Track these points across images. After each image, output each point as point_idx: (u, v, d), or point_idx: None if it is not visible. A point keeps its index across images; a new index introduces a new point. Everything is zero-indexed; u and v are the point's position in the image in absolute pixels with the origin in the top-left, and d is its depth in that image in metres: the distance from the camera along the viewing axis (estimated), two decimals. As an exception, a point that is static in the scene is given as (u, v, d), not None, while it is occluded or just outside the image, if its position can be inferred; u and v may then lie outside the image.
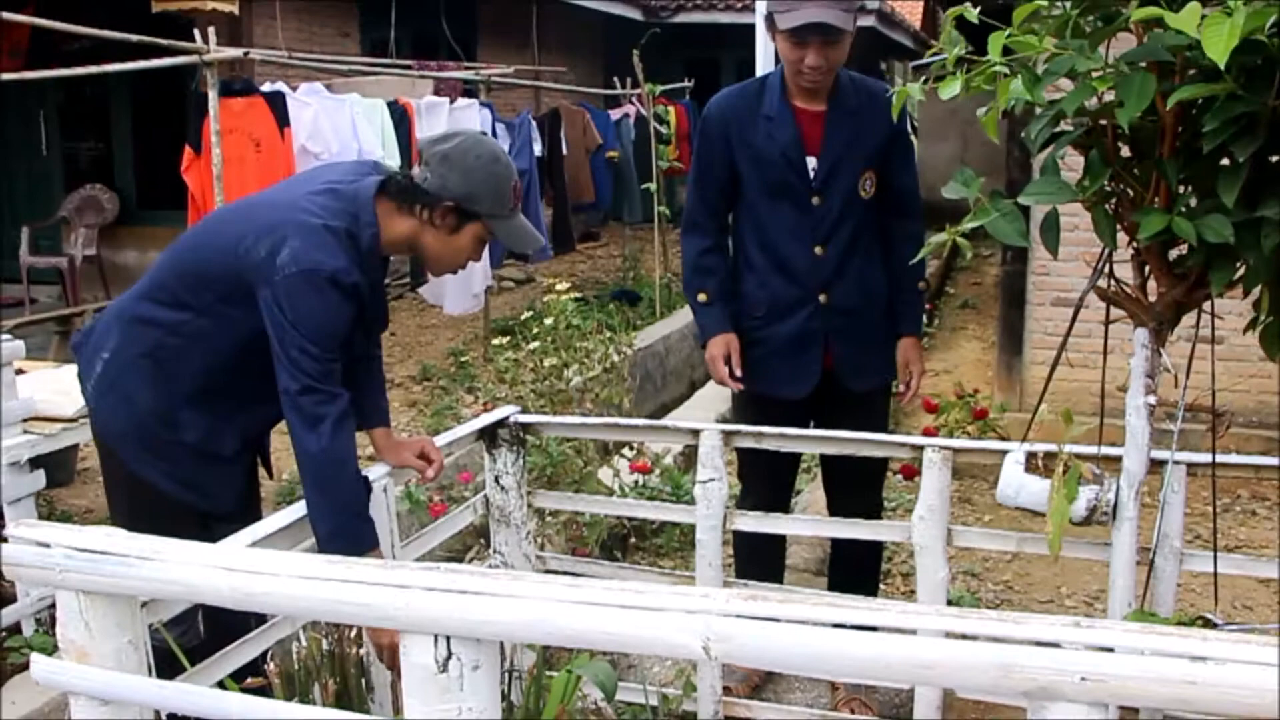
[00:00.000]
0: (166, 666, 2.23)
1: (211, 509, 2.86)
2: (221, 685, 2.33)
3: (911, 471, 3.80)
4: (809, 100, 3.47)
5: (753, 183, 3.56)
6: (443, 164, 2.72)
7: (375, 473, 2.92)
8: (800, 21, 3.26)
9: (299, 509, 2.65)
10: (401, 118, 7.95)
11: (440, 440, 3.16)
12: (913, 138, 3.66)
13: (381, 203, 2.74)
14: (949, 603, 3.39)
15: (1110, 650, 1.35)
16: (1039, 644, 1.36)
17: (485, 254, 8.10)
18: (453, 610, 1.61)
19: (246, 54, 6.90)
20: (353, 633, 2.69)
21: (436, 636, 1.63)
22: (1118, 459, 2.75)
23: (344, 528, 2.64)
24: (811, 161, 3.48)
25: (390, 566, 1.68)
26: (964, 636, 1.41)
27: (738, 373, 3.51)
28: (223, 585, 1.76)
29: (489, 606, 1.60)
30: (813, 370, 3.55)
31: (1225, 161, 2.24)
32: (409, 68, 9.80)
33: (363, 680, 2.76)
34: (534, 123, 9.75)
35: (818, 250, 3.50)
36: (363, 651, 2.74)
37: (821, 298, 3.52)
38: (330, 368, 2.62)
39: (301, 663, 2.63)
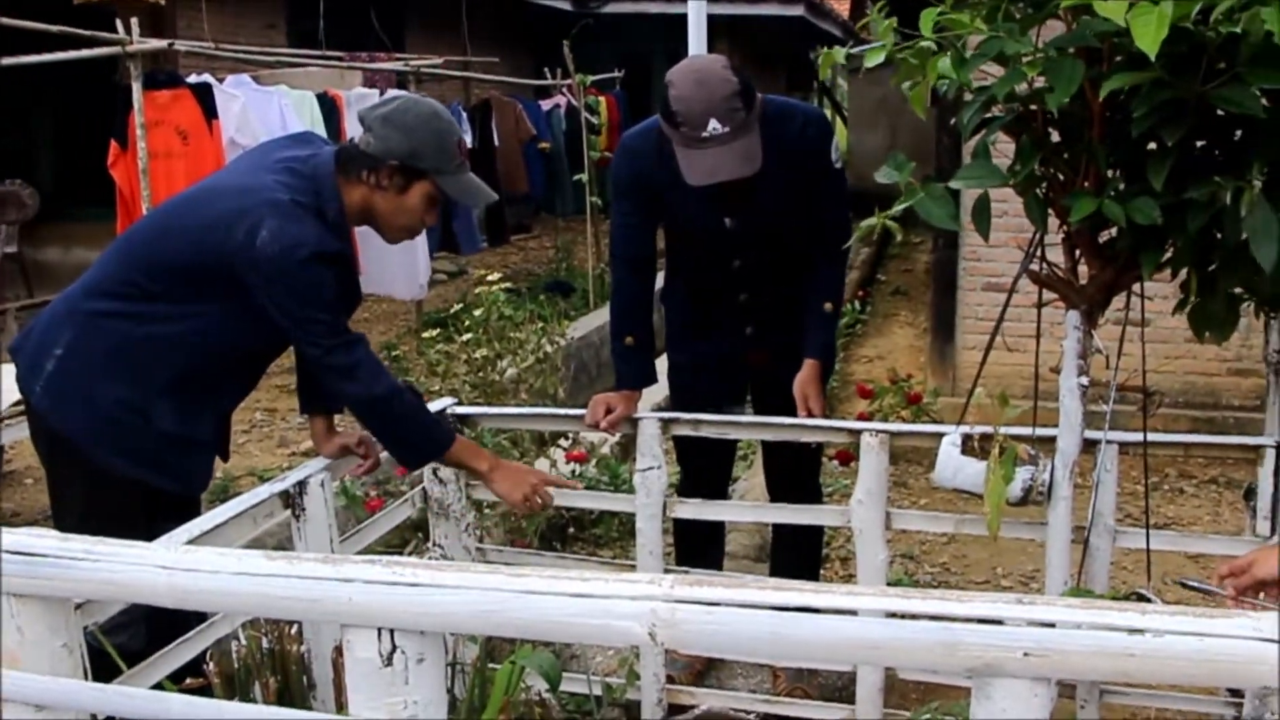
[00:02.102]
0: (108, 670, 2.20)
1: (185, 492, 2.88)
2: (160, 687, 2.30)
3: (847, 457, 3.83)
4: None
5: (673, 232, 3.51)
6: (383, 125, 2.74)
7: (311, 468, 2.90)
8: (701, 182, 3.04)
9: (236, 505, 2.63)
10: (331, 110, 7.87)
11: (377, 434, 3.14)
12: (841, 158, 3.46)
13: (337, 175, 2.76)
14: (888, 585, 3.41)
15: (1052, 625, 1.37)
16: (982, 621, 1.37)
17: (425, 242, 8.08)
18: (397, 603, 1.60)
19: (170, 45, 6.79)
20: (293, 629, 2.67)
21: (380, 630, 1.62)
22: (1052, 440, 2.79)
23: (421, 448, 2.98)
24: (729, 223, 3.32)
25: (332, 560, 1.66)
26: (907, 616, 1.42)
27: (611, 433, 3.35)
28: (160, 584, 1.73)
29: (433, 598, 1.58)
30: (737, 390, 3.61)
31: (1153, 146, 2.28)
32: (338, 59, 9.71)
33: (304, 677, 2.74)
34: (465, 114, 9.70)
35: (742, 297, 3.47)
36: (303, 649, 2.71)
37: (748, 329, 3.51)
38: (339, 321, 2.74)
39: (242, 661, 2.60)
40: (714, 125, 2.96)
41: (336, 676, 2.71)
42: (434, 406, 3.36)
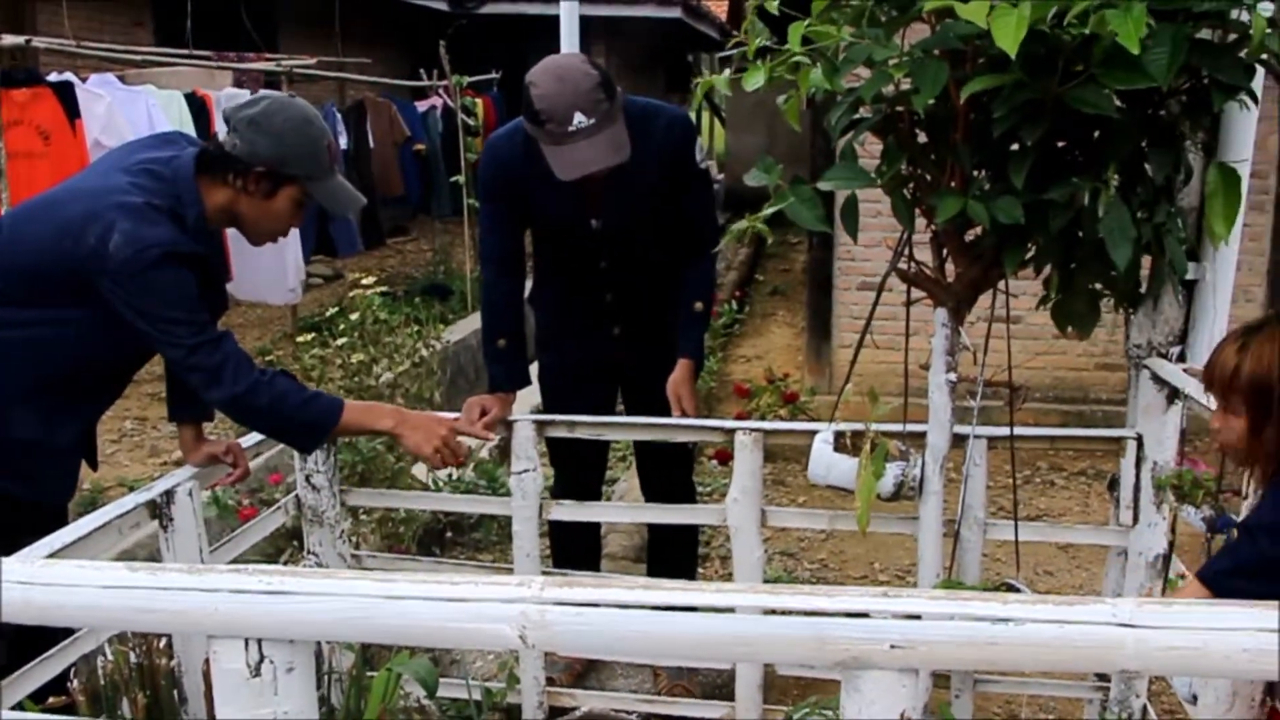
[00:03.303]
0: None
1: (46, 501, 2.78)
2: (22, 707, 2.23)
3: (725, 456, 3.87)
4: None
5: (540, 233, 3.51)
6: (250, 129, 2.67)
7: (179, 476, 2.83)
8: (572, 175, 3.05)
9: (100, 516, 2.56)
10: (200, 110, 7.71)
11: (247, 441, 3.08)
12: (710, 160, 3.46)
13: (199, 177, 2.69)
14: (767, 582, 3.44)
15: (918, 617, 1.39)
16: (850, 615, 1.39)
17: (297, 245, 7.94)
18: (263, 612, 1.57)
19: (29, 42, 6.59)
20: (162, 643, 2.60)
21: (247, 640, 1.59)
22: (923, 435, 2.84)
23: (306, 430, 2.88)
24: (595, 223, 3.34)
25: (197, 570, 1.62)
26: (779, 612, 1.43)
27: (488, 436, 3.28)
28: (17, 600, 1.67)
29: (300, 606, 1.56)
30: (607, 391, 3.63)
31: (1016, 147, 2.33)
32: (207, 59, 9.50)
33: (175, 692, 2.68)
34: (339, 115, 9.58)
35: (609, 298, 3.49)
36: (173, 663, 2.65)
37: (615, 330, 3.53)
38: (201, 320, 2.64)
39: (108, 678, 2.53)
40: (579, 118, 2.97)
41: (208, 690, 2.64)
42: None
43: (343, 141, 9.53)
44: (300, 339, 5.75)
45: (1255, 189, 5.91)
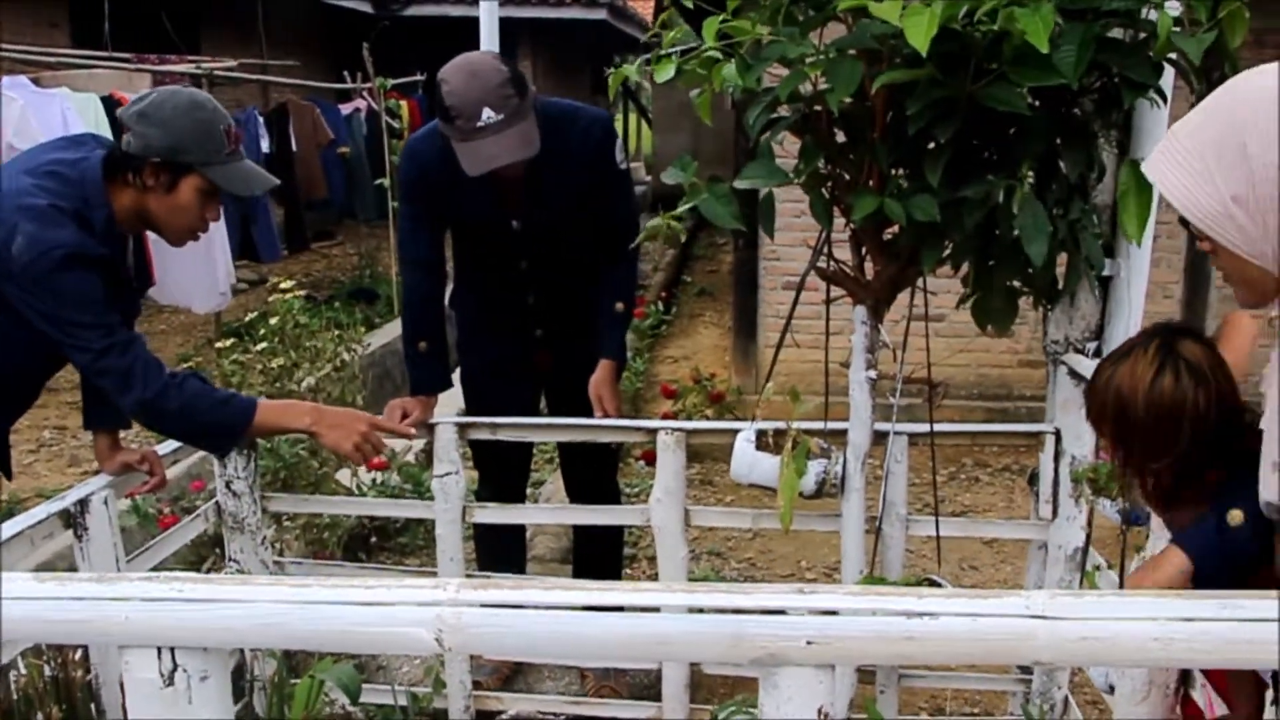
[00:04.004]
0: None
1: None
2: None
3: (653, 456, 3.86)
4: None
5: (460, 235, 3.49)
6: (141, 122, 2.60)
7: (93, 485, 2.78)
8: (479, 170, 3.02)
9: (11, 526, 2.52)
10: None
11: (164, 447, 3.03)
12: (631, 160, 3.42)
13: (107, 180, 2.63)
14: (692, 581, 3.45)
15: (834, 613, 1.39)
16: (766, 612, 1.39)
17: (226, 248, 7.81)
18: (175, 620, 1.54)
19: (-62, 45, 6.45)
20: (78, 654, 2.55)
21: (160, 649, 1.56)
22: (844, 433, 2.86)
23: (219, 431, 2.86)
24: (515, 224, 3.32)
25: (106, 579, 1.59)
26: (697, 610, 1.43)
27: (408, 433, 3.27)
28: (-81, 614, 1.63)
29: (214, 613, 1.53)
30: (530, 392, 3.62)
31: (931, 145, 2.35)
32: (126, 61, 9.34)
33: (91, 705, 2.63)
34: (261, 119, 9.46)
35: (530, 299, 3.47)
36: (90, 675, 2.60)
37: (537, 332, 3.52)
38: (110, 324, 2.59)
39: (21, 691, 2.48)
40: (488, 114, 2.97)
41: (125, 701, 2.61)
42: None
43: (265, 145, 9.41)
44: (220, 345, 5.66)
45: (1170, 187, 5.98)
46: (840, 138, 2.57)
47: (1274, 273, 1.58)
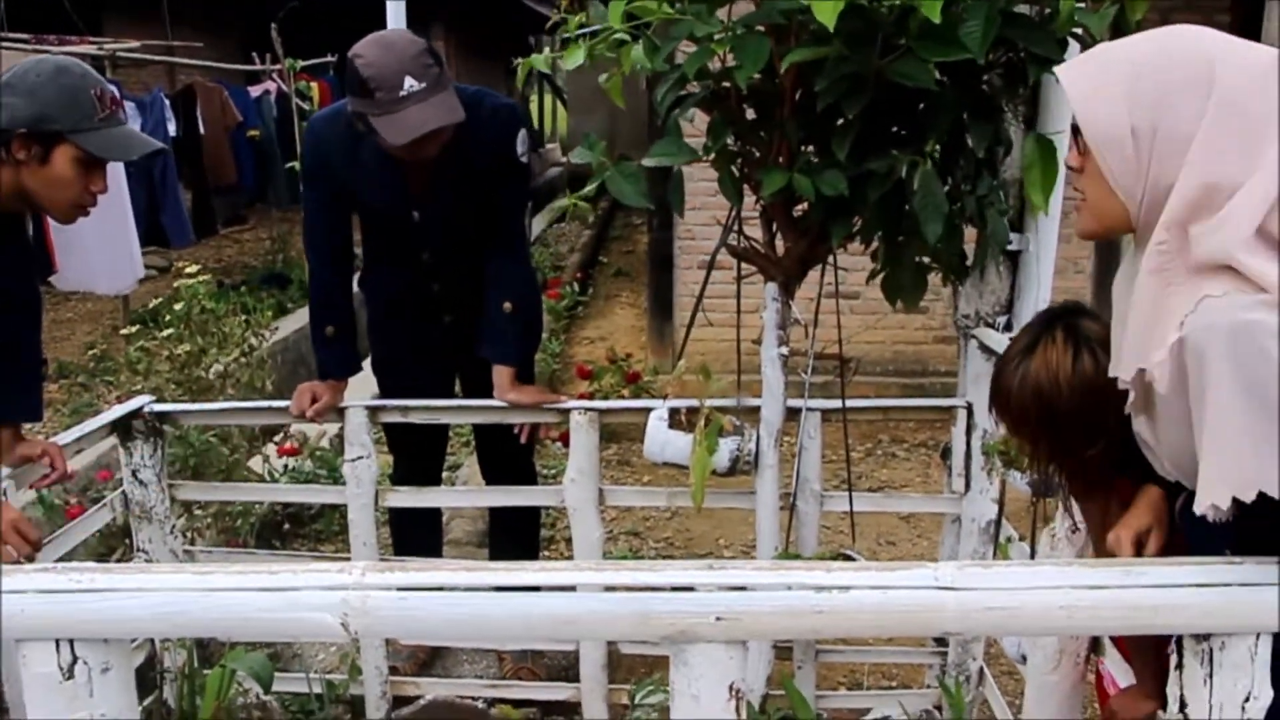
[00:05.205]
0: None
1: None
2: None
3: (569, 437, 3.85)
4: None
5: (364, 222, 3.42)
6: (6, 93, 2.47)
7: (-7, 475, 2.70)
8: (409, 137, 2.92)
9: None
10: (14, 96, 7.36)
11: (66, 437, 2.95)
12: (533, 153, 3.32)
13: None
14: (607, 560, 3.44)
15: (744, 589, 1.39)
16: (675, 589, 1.38)
17: (132, 229, 7.62)
18: (74, 611, 1.51)
19: None
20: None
21: (59, 641, 1.52)
22: (758, 410, 2.86)
23: None
24: (416, 215, 3.25)
25: (2, 571, 1.54)
26: (610, 588, 1.42)
27: (318, 422, 3.26)
28: None
29: (113, 603, 1.50)
30: (444, 377, 3.58)
31: (840, 121, 2.36)
32: (24, 42, 9.10)
33: (-5, 704, 2.56)
34: (167, 101, 9.26)
35: (435, 288, 3.40)
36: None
37: (446, 318, 3.45)
38: None
39: (-82, 689, 2.41)
40: (410, 83, 2.90)
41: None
42: (130, 405, 3.18)
43: (172, 128, 9.18)
44: (126, 332, 5.54)
45: (1079, 162, 6.08)
46: (750, 114, 2.56)
47: (1129, 215, 1.60)
